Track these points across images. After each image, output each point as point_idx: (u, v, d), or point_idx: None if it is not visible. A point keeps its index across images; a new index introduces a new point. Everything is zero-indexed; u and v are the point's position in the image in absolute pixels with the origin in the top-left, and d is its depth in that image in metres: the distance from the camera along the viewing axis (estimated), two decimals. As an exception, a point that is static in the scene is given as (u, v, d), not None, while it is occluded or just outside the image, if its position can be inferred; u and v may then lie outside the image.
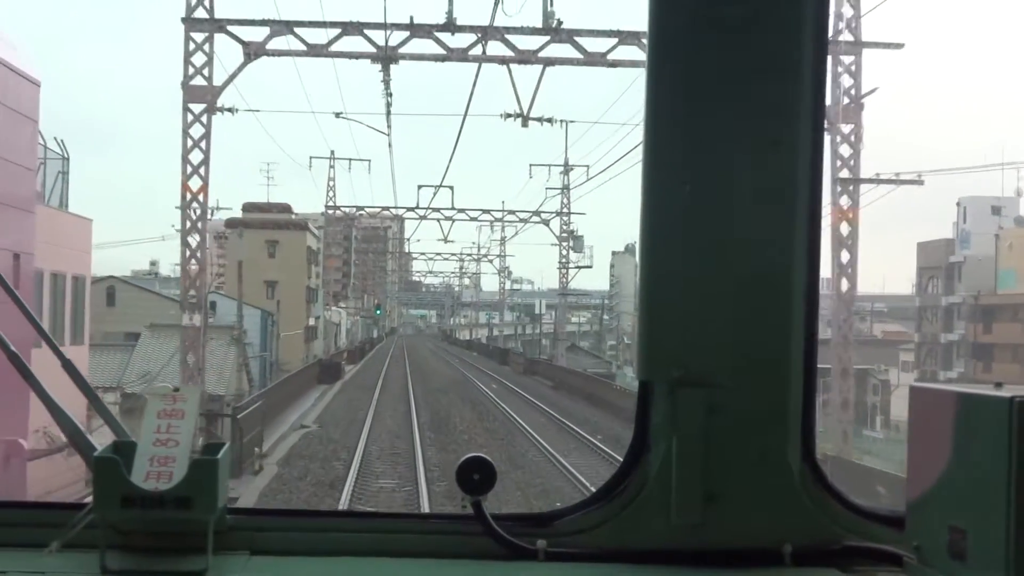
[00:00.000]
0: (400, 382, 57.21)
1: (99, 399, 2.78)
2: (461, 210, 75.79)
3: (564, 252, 72.95)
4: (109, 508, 2.49)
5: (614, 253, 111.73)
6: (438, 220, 76.47)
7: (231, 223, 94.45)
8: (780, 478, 2.69)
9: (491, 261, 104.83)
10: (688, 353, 2.67)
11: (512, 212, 77.32)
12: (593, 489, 9.71)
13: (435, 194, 71.60)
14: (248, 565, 2.60)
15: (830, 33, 2.91)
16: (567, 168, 70.32)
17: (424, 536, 2.75)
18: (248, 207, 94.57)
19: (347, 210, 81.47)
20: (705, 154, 2.67)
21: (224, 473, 2.56)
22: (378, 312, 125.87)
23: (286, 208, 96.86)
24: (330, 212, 79.14)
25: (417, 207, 75.81)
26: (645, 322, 2.73)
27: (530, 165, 73.96)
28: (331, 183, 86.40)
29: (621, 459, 2.83)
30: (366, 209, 79.97)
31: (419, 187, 75.25)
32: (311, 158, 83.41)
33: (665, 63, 2.70)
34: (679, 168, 2.68)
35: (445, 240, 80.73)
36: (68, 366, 2.76)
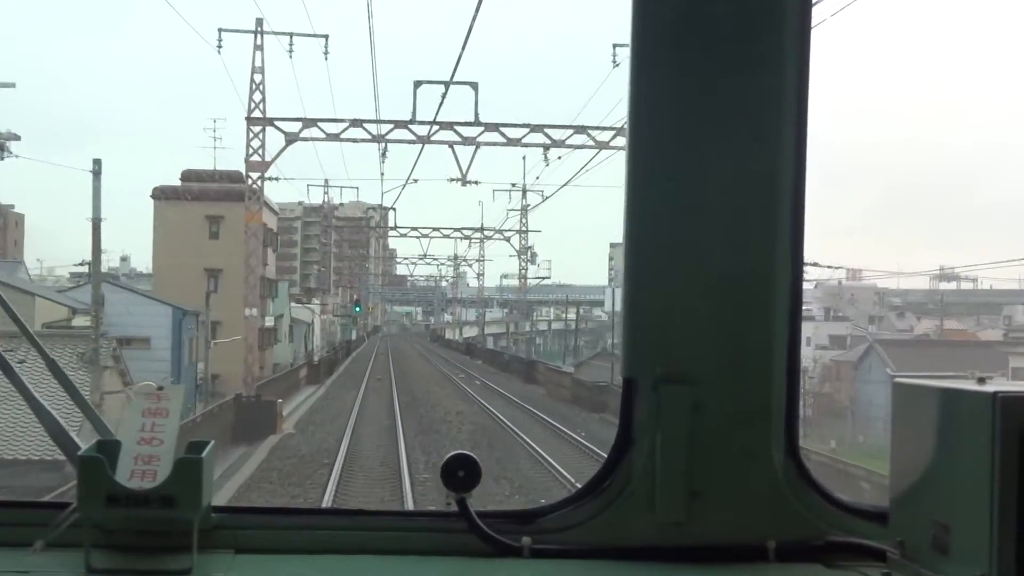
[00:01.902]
0: (384, 446, 29.48)
1: (83, 397, 2.77)
2: (491, 125, 40.71)
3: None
4: (94, 507, 2.50)
5: (613, 245, 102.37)
6: (450, 145, 41.39)
7: (159, 192, 65.13)
8: (764, 474, 2.72)
9: (507, 239, 76.53)
10: (672, 350, 2.70)
11: (583, 129, 41.33)
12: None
13: (444, 97, 39.10)
14: (233, 563, 2.61)
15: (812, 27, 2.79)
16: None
17: (409, 533, 2.75)
18: (188, 175, 72.77)
19: (285, 126, 42.58)
20: (689, 151, 2.70)
21: (209, 472, 2.56)
22: (357, 309, 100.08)
23: (236, 177, 69.30)
24: (255, 141, 44.21)
25: (413, 120, 40.73)
26: (629, 319, 2.76)
27: (614, 45, 41.95)
28: (257, 77, 45.41)
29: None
30: (319, 124, 42.32)
31: (416, 84, 40.44)
32: (220, 31, 45.28)
33: (648, 60, 2.72)
34: (663, 165, 2.70)
35: (463, 180, 44.33)
36: (52, 366, 2.78)
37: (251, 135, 43.56)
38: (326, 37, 47.25)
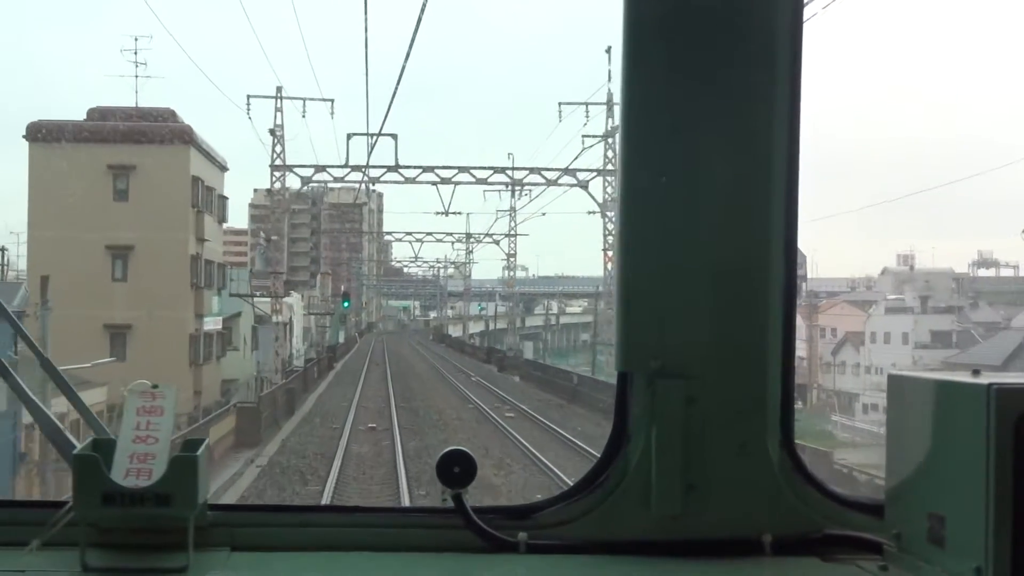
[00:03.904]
0: None
1: (79, 397, 2.77)
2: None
3: None
4: (89, 506, 2.49)
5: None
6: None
7: (36, 131, 48.08)
8: (760, 468, 2.72)
9: (584, 185, 48.89)
10: (667, 344, 2.70)
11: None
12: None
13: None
14: (229, 561, 2.60)
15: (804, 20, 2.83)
16: None
17: (405, 530, 2.74)
18: (96, 113, 48.55)
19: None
20: (682, 145, 2.71)
21: (204, 470, 2.58)
22: (345, 304, 76.15)
23: (167, 115, 42.93)
24: None
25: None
26: (624, 313, 2.75)
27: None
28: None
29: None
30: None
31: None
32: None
33: (641, 54, 2.71)
34: (656, 160, 2.70)
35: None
36: (47, 365, 2.77)
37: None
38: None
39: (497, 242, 75.43)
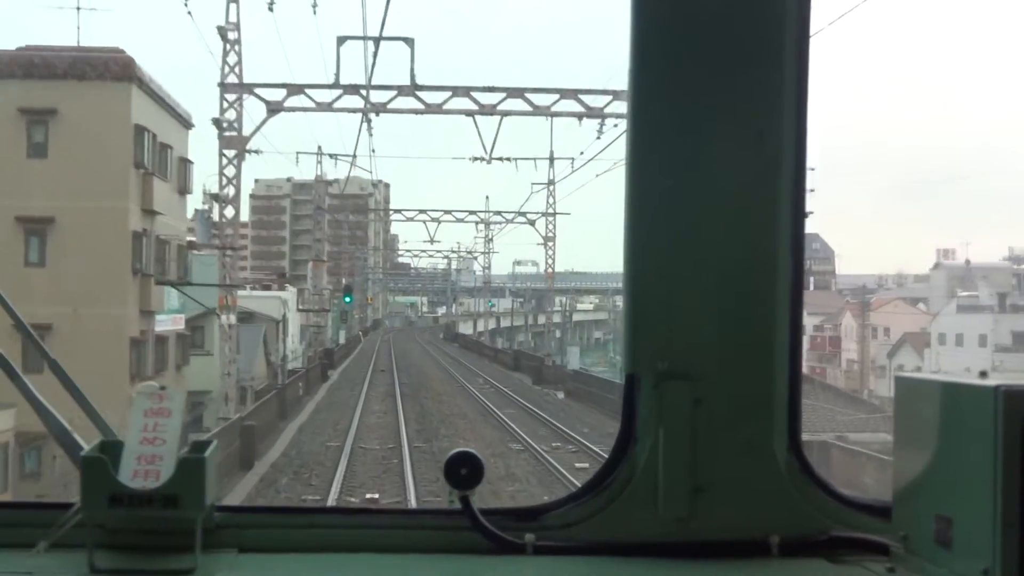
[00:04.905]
0: None
1: (85, 397, 2.76)
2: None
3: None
4: (97, 507, 2.51)
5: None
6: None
7: None
8: (767, 469, 2.74)
9: None
10: (673, 346, 2.72)
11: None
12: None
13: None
14: (236, 562, 2.63)
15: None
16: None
17: (412, 531, 2.76)
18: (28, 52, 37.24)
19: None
20: (689, 147, 2.72)
21: (212, 471, 2.60)
22: (347, 299, 66.36)
23: (114, 53, 29.76)
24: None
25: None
26: (630, 315, 2.77)
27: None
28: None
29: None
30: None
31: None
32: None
33: (648, 56, 2.73)
34: (663, 161, 2.72)
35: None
36: (54, 365, 2.77)
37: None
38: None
39: (532, 222, 63.33)
